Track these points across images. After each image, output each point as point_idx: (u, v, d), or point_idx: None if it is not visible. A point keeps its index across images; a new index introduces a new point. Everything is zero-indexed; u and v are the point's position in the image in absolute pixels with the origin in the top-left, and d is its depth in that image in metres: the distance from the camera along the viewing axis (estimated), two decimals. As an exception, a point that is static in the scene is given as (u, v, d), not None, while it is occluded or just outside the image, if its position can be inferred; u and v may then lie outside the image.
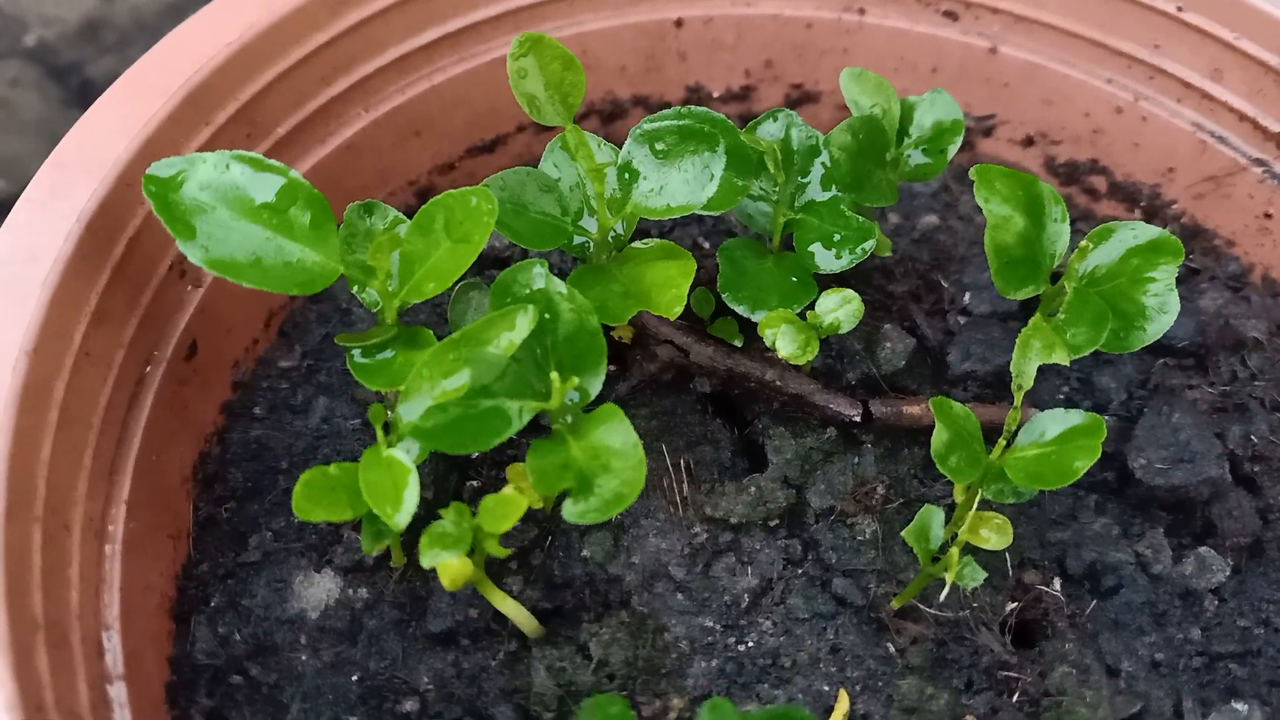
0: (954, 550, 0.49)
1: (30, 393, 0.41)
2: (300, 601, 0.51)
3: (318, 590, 0.51)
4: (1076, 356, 0.51)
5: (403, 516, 0.42)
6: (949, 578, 0.49)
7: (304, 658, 0.50)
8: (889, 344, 0.59)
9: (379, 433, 0.44)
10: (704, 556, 0.54)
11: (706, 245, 0.67)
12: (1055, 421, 0.51)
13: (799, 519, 0.56)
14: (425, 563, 0.43)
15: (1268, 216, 0.66)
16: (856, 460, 0.57)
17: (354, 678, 0.50)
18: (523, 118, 0.69)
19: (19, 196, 0.46)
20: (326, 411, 0.58)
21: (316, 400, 0.58)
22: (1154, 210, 0.70)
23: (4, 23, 1.19)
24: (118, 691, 0.42)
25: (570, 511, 0.45)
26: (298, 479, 0.51)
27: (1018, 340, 0.50)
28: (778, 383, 0.56)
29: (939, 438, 0.49)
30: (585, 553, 0.53)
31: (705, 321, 0.59)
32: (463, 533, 0.44)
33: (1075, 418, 0.50)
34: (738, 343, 0.57)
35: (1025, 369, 0.50)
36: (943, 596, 0.52)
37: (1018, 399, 0.50)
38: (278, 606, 0.51)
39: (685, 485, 0.56)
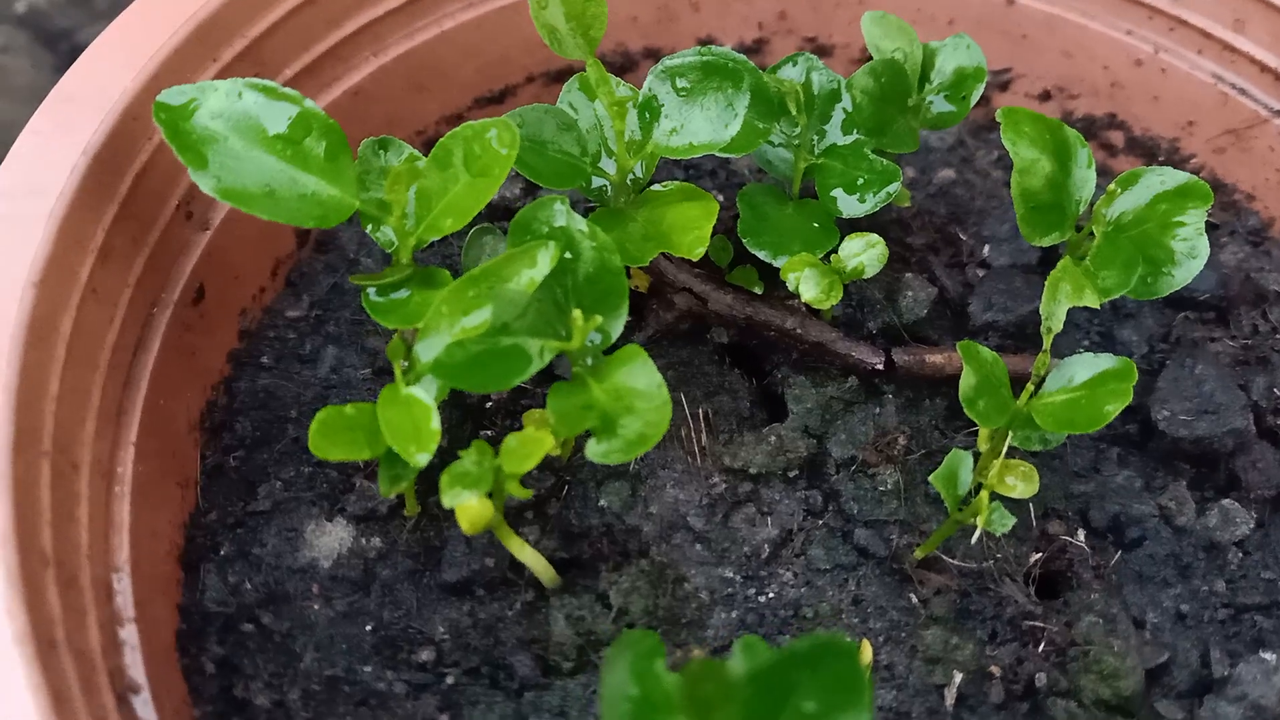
0: (983, 495, 0.48)
1: (36, 326, 0.40)
2: (312, 550, 0.50)
3: (330, 539, 0.50)
4: (1107, 299, 0.50)
5: (424, 455, 0.41)
6: (979, 523, 0.48)
7: (316, 607, 0.49)
8: (910, 293, 0.58)
9: (397, 370, 0.43)
10: (723, 507, 0.53)
11: (721, 198, 0.66)
12: (1084, 366, 0.50)
13: (819, 469, 0.55)
14: (446, 502, 0.42)
15: (1289, 169, 0.66)
16: (878, 410, 0.56)
17: (368, 628, 0.49)
18: (533, 67, 0.68)
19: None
20: (335, 361, 0.57)
21: (325, 350, 0.57)
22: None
23: (-5, -15, 1.17)
24: (129, 634, 0.41)
25: (594, 451, 0.43)
26: (308, 428, 0.49)
27: (1047, 282, 0.49)
28: (798, 330, 0.55)
29: (966, 381, 0.48)
30: (602, 503, 0.52)
31: (723, 270, 0.57)
32: (484, 472, 0.42)
33: (1106, 361, 0.49)
34: (757, 290, 0.56)
35: (1055, 311, 0.49)
36: (973, 541, 0.51)
37: (1046, 342, 0.49)
38: (289, 555, 0.50)
39: (704, 435, 0.55)
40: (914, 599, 0.52)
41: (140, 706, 0.39)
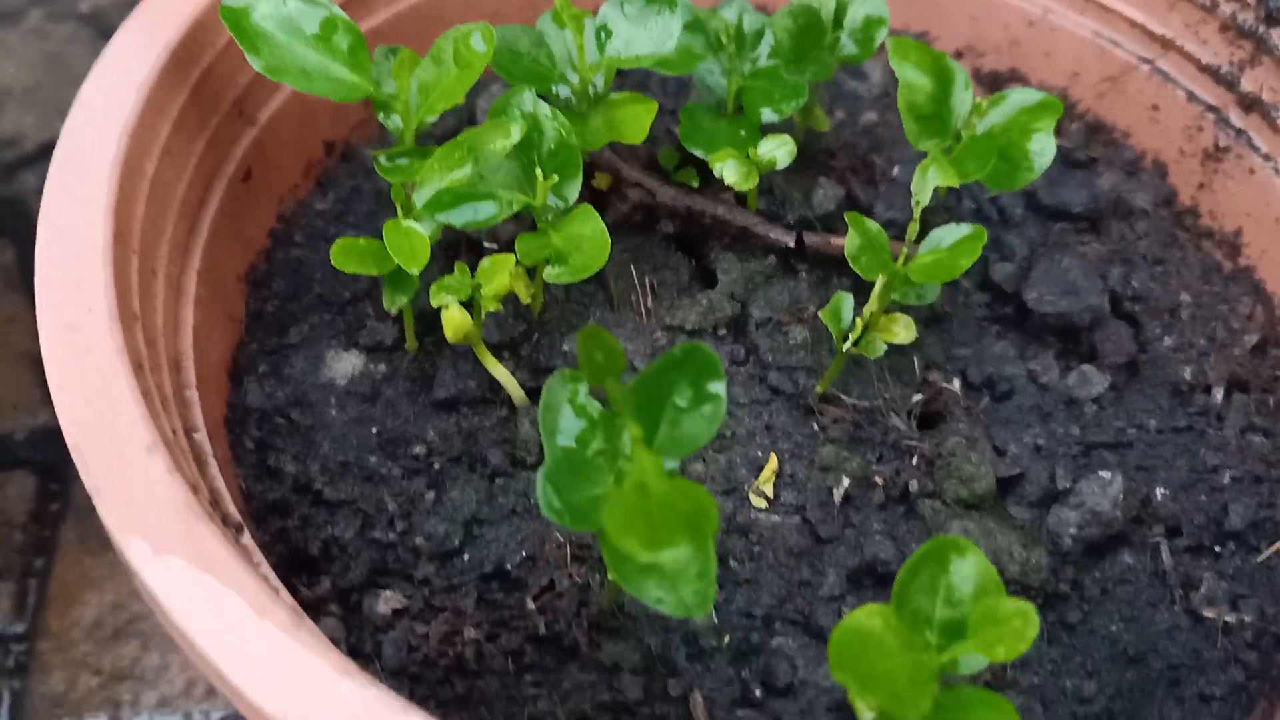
0: (869, 333, 0.61)
1: (129, 162, 0.53)
2: (331, 372, 0.63)
3: (345, 364, 0.63)
4: (965, 181, 0.62)
5: (417, 267, 0.54)
6: (861, 350, 0.60)
7: (333, 412, 0.61)
8: (822, 191, 0.71)
9: (399, 209, 0.56)
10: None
11: (673, 132, 0.79)
12: (949, 233, 0.62)
13: (742, 328, 0.67)
14: (434, 303, 0.55)
15: (1155, 108, 0.78)
16: (793, 285, 0.68)
17: (373, 430, 0.61)
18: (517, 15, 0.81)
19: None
20: (354, 243, 0.70)
21: (345, 233, 0.70)
22: (1064, 110, 0.82)
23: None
24: (193, 396, 0.54)
25: (550, 274, 0.56)
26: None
27: (918, 168, 0.62)
28: (727, 216, 0.68)
29: (851, 242, 0.61)
30: (565, 348, 0.65)
31: (670, 172, 0.71)
32: (464, 285, 0.55)
33: (964, 230, 0.62)
34: (694, 184, 0.69)
35: (924, 188, 0.61)
36: (851, 346, 0.62)
37: (916, 213, 0.61)
38: (313, 374, 0.63)
39: (649, 300, 0.68)
40: (815, 426, 0.64)
41: (200, 440, 0.52)
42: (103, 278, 0.46)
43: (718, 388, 0.44)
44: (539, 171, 0.57)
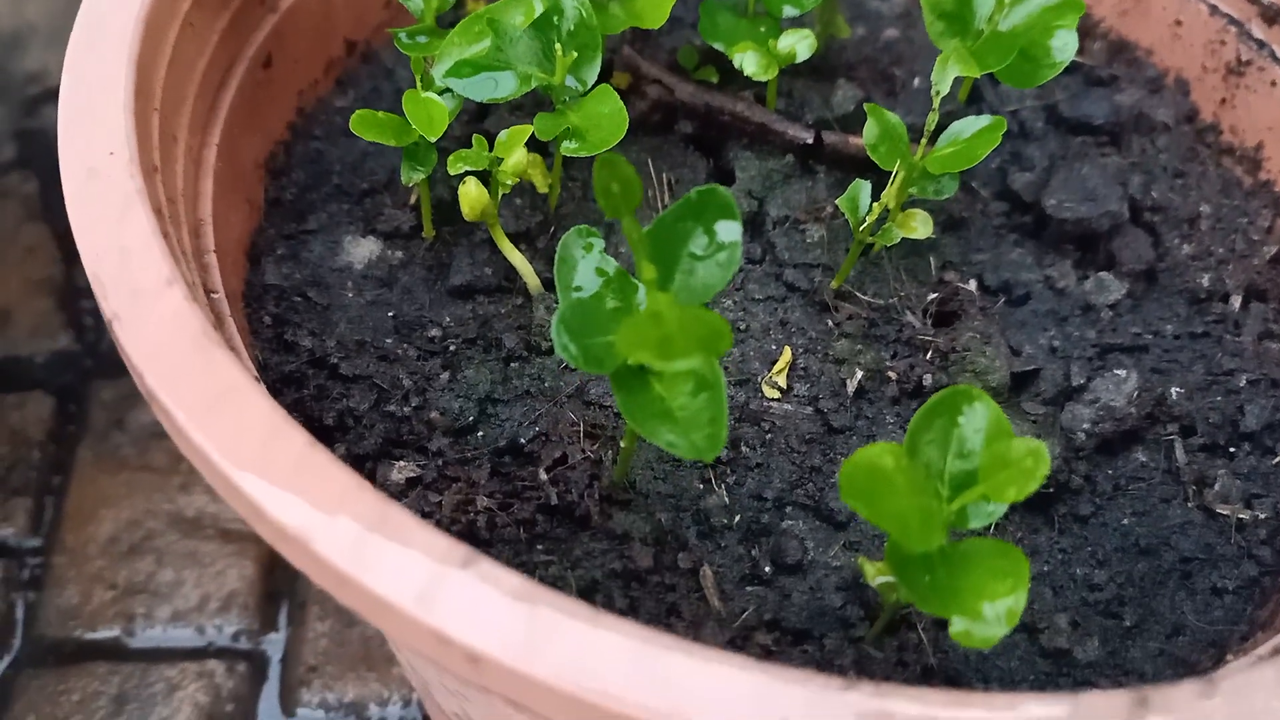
0: (887, 225, 0.60)
1: (151, 21, 0.53)
2: (348, 256, 0.63)
3: (362, 250, 0.63)
4: (984, 71, 0.62)
5: (435, 134, 0.54)
6: (877, 239, 0.60)
7: (350, 295, 0.62)
8: (841, 93, 0.70)
9: (418, 81, 0.56)
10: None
11: (694, 38, 0.79)
12: (968, 125, 0.62)
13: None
14: (452, 169, 0.55)
15: (1178, 24, 0.77)
16: (810, 184, 0.68)
17: (389, 314, 0.62)
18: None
19: None
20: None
21: (365, 130, 0.70)
22: (1085, 30, 0.81)
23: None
24: (211, 261, 0.54)
25: (567, 148, 0.56)
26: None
27: (937, 60, 0.62)
28: (745, 113, 0.68)
29: (869, 131, 0.61)
30: (581, 241, 0.65)
31: (690, 71, 0.70)
32: (481, 156, 0.56)
33: (983, 120, 0.61)
34: (714, 80, 0.69)
35: (944, 77, 0.61)
36: (867, 235, 0.62)
37: (935, 103, 0.61)
38: (330, 258, 0.63)
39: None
40: (829, 322, 0.64)
41: (219, 301, 0.52)
42: (124, 124, 0.47)
43: (732, 231, 0.44)
44: (558, 48, 0.57)
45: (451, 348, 0.60)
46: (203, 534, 0.93)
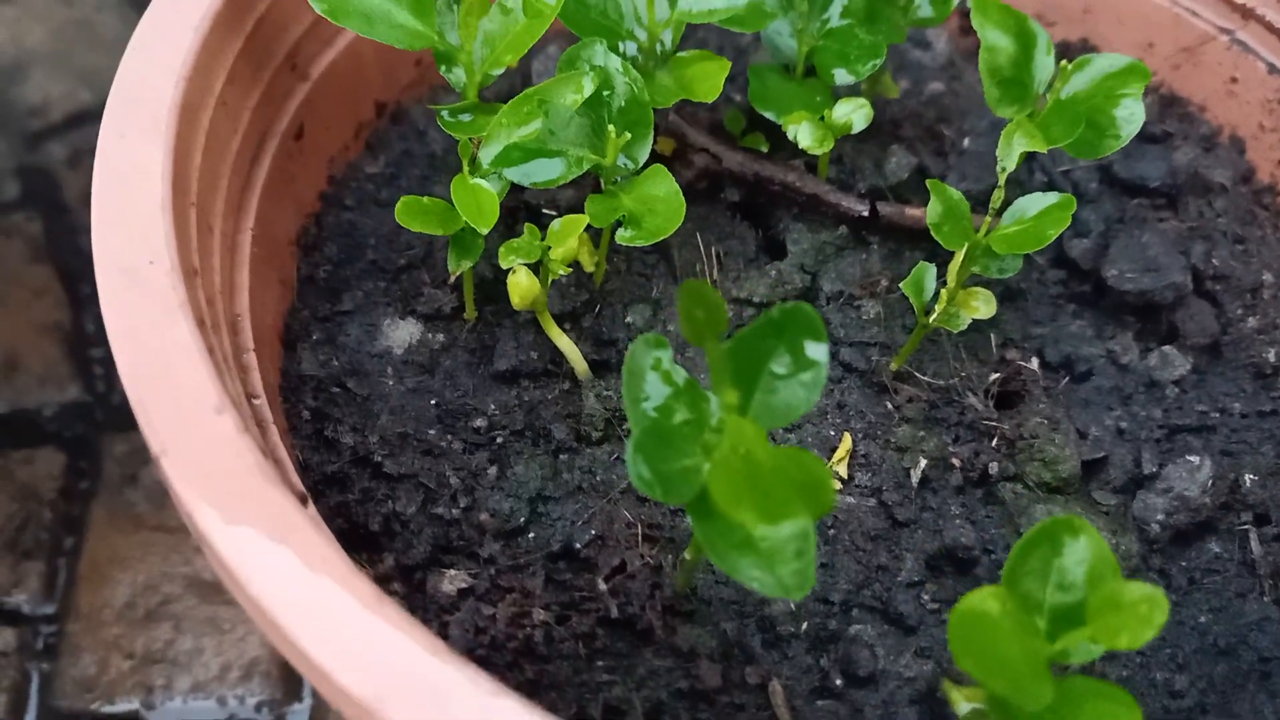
0: (949, 306, 0.58)
1: (186, 110, 0.50)
2: (387, 340, 0.60)
3: (401, 333, 0.60)
4: (1052, 146, 0.59)
5: (486, 226, 0.51)
6: (941, 322, 0.57)
7: (390, 383, 0.59)
8: (895, 159, 0.68)
9: (465, 166, 0.53)
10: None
11: (737, 98, 0.76)
12: (1034, 202, 0.59)
13: (812, 301, 0.64)
14: (503, 264, 0.52)
15: (1234, 81, 0.75)
16: (864, 256, 0.66)
17: (432, 402, 0.59)
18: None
19: (100, 105, 0.54)
20: (406, 208, 0.67)
21: (397, 197, 0.67)
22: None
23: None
24: (251, 360, 0.51)
25: (623, 236, 0.54)
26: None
27: (1003, 133, 0.59)
28: (797, 184, 0.65)
29: (933, 210, 0.58)
30: (628, 319, 0.62)
31: (737, 137, 0.68)
32: (533, 247, 0.53)
33: (1051, 198, 0.59)
34: (764, 149, 0.66)
35: (1009, 154, 0.58)
36: (932, 319, 0.59)
37: (1001, 179, 0.58)
38: (368, 343, 0.60)
39: (715, 270, 0.65)
40: (889, 405, 0.61)
41: (261, 407, 0.49)
42: (163, 226, 0.44)
43: (819, 352, 0.41)
44: (610, 129, 0.54)
45: (499, 439, 0.57)
46: (222, 598, 0.90)
